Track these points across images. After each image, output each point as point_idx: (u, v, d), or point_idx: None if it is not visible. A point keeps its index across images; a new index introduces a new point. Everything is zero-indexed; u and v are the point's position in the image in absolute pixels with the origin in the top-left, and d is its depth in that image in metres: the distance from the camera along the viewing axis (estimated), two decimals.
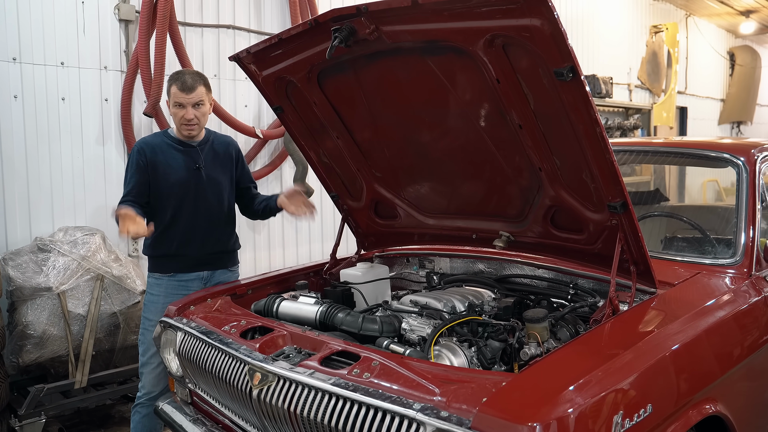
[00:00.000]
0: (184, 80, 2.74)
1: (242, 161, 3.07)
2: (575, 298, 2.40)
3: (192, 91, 2.73)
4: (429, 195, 2.66)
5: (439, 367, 1.78)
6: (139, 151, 2.81)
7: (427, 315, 2.27)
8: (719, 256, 2.49)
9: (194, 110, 2.76)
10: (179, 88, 2.73)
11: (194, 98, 2.74)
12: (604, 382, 1.55)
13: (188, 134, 2.83)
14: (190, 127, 2.79)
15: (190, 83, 2.73)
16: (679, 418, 1.74)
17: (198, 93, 2.75)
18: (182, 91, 2.73)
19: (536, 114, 1.97)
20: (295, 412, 1.77)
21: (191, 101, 2.74)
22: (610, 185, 1.94)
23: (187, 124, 2.78)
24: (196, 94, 2.74)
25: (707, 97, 11.55)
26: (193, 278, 2.86)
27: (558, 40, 1.69)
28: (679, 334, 1.85)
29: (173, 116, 2.81)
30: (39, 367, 3.41)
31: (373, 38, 2.09)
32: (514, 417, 1.39)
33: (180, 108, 2.76)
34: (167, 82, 2.81)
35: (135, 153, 2.83)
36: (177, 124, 2.82)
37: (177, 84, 2.73)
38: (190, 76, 2.78)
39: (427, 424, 1.48)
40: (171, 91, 2.76)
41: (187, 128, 2.80)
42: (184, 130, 2.81)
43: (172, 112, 2.80)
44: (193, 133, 2.83)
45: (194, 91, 2.73)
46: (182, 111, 2.76)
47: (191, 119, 2.77)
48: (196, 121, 2.79)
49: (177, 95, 2.74)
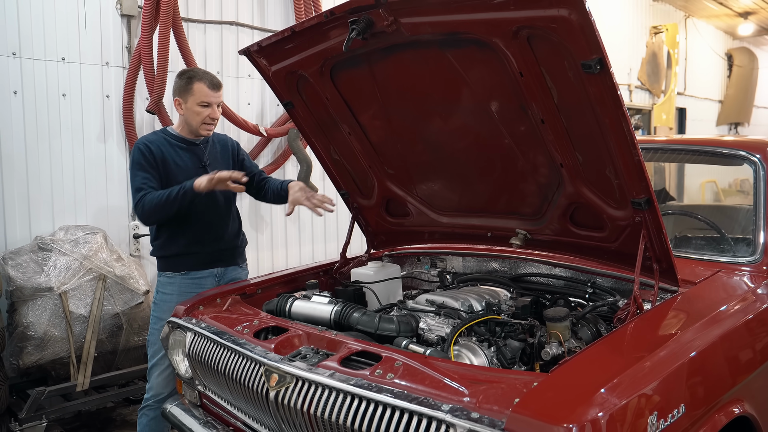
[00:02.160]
0: (211, 78, 2.75)
1: (242, 153, 3.05)
2: (594, 297, 2.36)
3: (219, 90, 2.77)
4: (443, 192, 2.61)
5: (464, 367, 1.73)
6: (145, 148, 2.75)
7: (444, 314, 2.22)
8: (738, 254, 2.45)
9: (218, 109, 2.79)
10: (208, 86, 2.72)
11: (221, 97, 2.79)
12: (638, 382, 1.50)
13: (207, 133, 2.82)
14: (210, 127, 2.79)
15: (217, 82, 2.76)
16: (709, 420, 1.70)
17: (222, 92, 2.80)
18: (212, 89, 2.73)
19: (559, 108, 1.92)
20: (315, 414, 1.72)
21: (218, 100, 2.77)
22: (635, 181, 1.89)
23: (211, 123, 2.78)
24: (221, 93, 2.78)
25: (706, 99, 11.57)
26: (207, 275, 2.81)
27: (587, 31, 1.64)
28: (707, 334, 1.81)
29: (195, 114, 2.75)
30: (39, 369, 3.34)
31: (391, 30, 2.04)
32: (550, 418, 1.35)
33: (206, 107, 2.75)
34: (184, 80, 2.76)
35: (140, 150, 2.75)
36: (197, 122, 2.77)
37: (205, 82, 2.72)
38: (213, 75, 2.79)
39: (458, 425, 1.43)
40: (196, 89, 2.72)
41: (207, 128, 2.79)
42: (204, 130, 2.79)
43: (196, 110, 2.74)
44: (210, 133, 2.83)
45: (221, 89, 2.78)
46: (208, 110, 2.75)
47: (216, 118, 2.78)
48: (218, 121, 2.80)
49: (206, 94, 2.72)
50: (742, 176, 8.63)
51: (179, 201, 2.62)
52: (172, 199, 2.62)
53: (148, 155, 2.73)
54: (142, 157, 2.73)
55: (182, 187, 2.62)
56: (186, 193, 2.62)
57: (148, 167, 2.72)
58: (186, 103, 2.74)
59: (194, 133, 2.80)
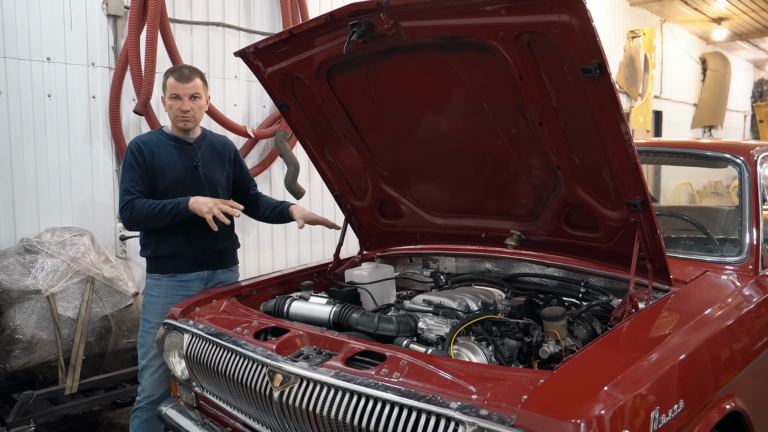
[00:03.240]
0: (180, 71, 2.72)
1: (240, 162, 3.01)
2: (587, 297, 2.40)
3: (189, 82, 2.71)
4: (438, 194, 2.64)
5: (470, 366, 1.75)
6: (136, 148, 2.73)
7: (443, 314, 2.24)
8: (726, 254, 2.52)
9: (191, 102, 2.72)
10: (176, 78, 2.70)
11: (190, 89, 2.71)
12: (640, 379, 1.54)
13: (183, 126, 2.77)
14: (186, 118, 2.74)
15: (187, 74, 2.72)
16: (704, 416, 1.75)
17: (194, 84, 2.72)
18: (179, 81, 2.70)
19: (558, 111, 1.96)
20: (321, 413, 1.73)
21: (188, 92, 2.71)
22: (631, 183, 1.94)
23: (183, 115, 2.72)
24: (192, 85, 2.71)
25: (681, 102, 11.80)
26: (194, 278, 2.78)
27: (588, 36, 1.68)
28: (702, 331, 1.86)
29: (169, 109, 2.75)
30: (27, 372, 3.29)
31: (391, 34, 2.06)
32: (559, 414, 1.38)
33: (176, 100, 2.71)
34: (163, 77, 2.76)
35: (131, 151, 2.74)
36: (172, 117, 2.76)
37: (174, 75, 2.71)
38: (186, 68, 2.77)
39: (467, 422, 1.46)
40: (167, 83, 2.72)
41: (182, 120, 2.74)
42: (180, 122, 2.75)
43: (168, 104, 2.74)
44: (188, 126, 2.77)
45: (191, 81, 2.71)
46: (178, 103, 2.71)
47: (187, 111, 2.72)
48: (192, 114, 2.74)
49: (174, 86, 2.70)
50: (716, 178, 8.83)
51: (170, 217, 2.62)
52: (164, 213, 2.62)
53: (138, 157, 2.71)
54: (133, 158, 2.72)
55: (176, 205, 2.61)
56: (180, 213, 2.61)
57: (138, 169, 2.70)
58: (165, 100, 2.76)
59: (180, 131, 2.79)
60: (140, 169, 2.70)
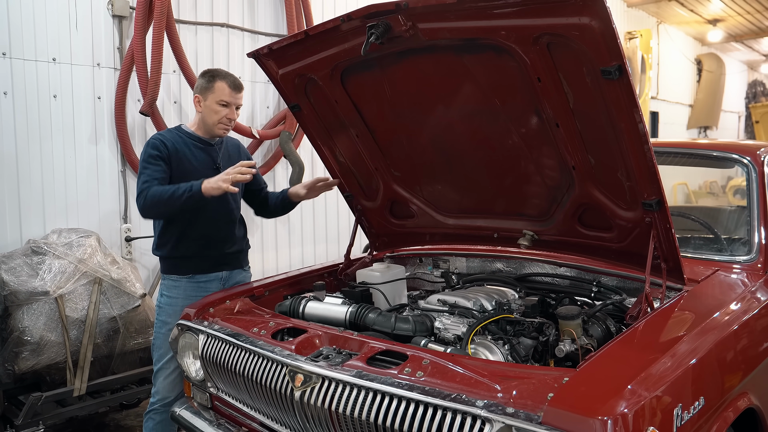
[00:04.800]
0: (234, 79, 2.74)
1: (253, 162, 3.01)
2: (599, 296, 2.42)
3: (240, 91, 2.75)
4: (450, 194, 2.66)
5: (492, 364, 1.77)
6: (160, 143, 2.69)
7: (458, 314, 2.26)
8: (735, 253, 2.55)
9: (236, 112, 2.77)
10: (230, 85, 2.70)
11: (240, 99, 2.77)
12: (663, 376, 1.56)
13: (223, 134, 2.79)
14: (227, 127, 2.77)
15: (239, 84, 2.75)
16: (722, 412, 1.77)
17: (242, 95, 2.78)
18: (233, 89, 2.71)
19: (575, 112, 1.98)
20: (344, 413, 1.74)
21: (238, 102, 2.76)
22: (648, 183, 1.96)
23: (227, 124, 2.75)
24: (241, 95, 2.77)
25: (677, 103, 11.88)
26: (213, 279, 2.79)
27: (608, 38, 1.70)
28: (718, 330, 1.88)
29: (212, 113, 2.71)
30: (35, 374, 3.28)
31: (408, 35, 2.07)
32: (586, 411, 1.40)
33: (225, 107, 2.72)
34: (207, 78, 2.72)
35: (153, 145, 2.68)
36: (214, 121, 2.72)
37: (227, 81, 2.70)
38: (236, 77, 2.77)
39: (495, 420, 1.47)
40: (217, 87, 2.69)
41: (224, 128, 2.76)
42: (221, 129, 2.76)
43: (214, 109, 2.70)
44: (226, 134, 2.82)
45: (241, 91, 2.76)
46: (226, 110, 2.72)
47: (233, 119, 2.76)
48: (234, 123, 2.79)
49: (227, 93, 2.70)
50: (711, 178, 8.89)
51: (183, 202, 2.53)
52: (176, 197, 2.53)
53: (162, 148, 2.66)
54: (156, 150, 2.66)
55: (189, 188, 2.52)
56: (192, 196, 2.52)
57: (159, 160, 2.65)
58: (205, 101, 2.71)
59: (209, 133, 2.77)
60: (162, 161, 2.65)
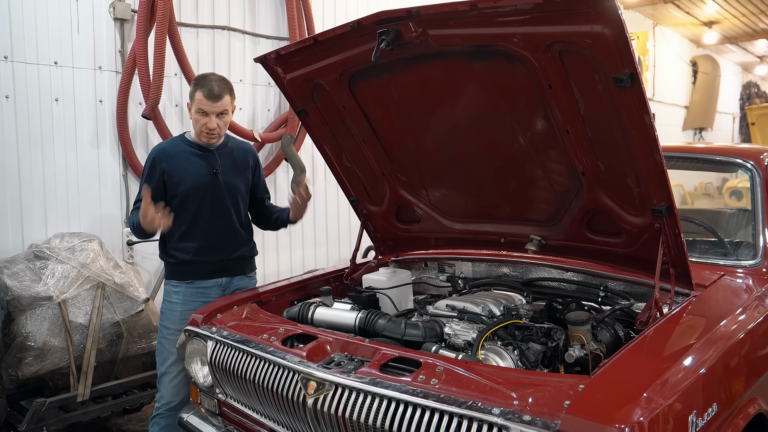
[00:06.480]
0: (210, 87, 2.62)
1: (260, 170, 3.00)
2: (606, 301, 2.43)
3: (218, 100, 2.64)
4: (457, 199, 2.66)
5: (506, 371, 1.77)
6: (154, 158, 2.75)
7: (468, 319, 2.26)
8: (740, 258, 2.56)
9: (217, 119, 2.68)
10: (205, 95, 2.62)
11: (219, 107, 2.66)
12: (678, 383, 1.57)
13: (207, 142, 2.76)
14: (210, 135, 2.72)
15: (217, 91, 2.63)
16: (734, 418, 1.78)
17: (223, 102, 2.66)
18: (208, 99, 2.62)
19: (585, 119, 1.98)
20: (357, 420, 1.74)
21: (216, 110, 2.65)
22: (658, 189, 1.97)
23: (209, 133, 2.70)
24: (221, 103, 2.65)
25: (673, 104, 11.94)
26: (212, 285, 2.79)
27: (621, 46, 1.71)
28: (729, 335, 1.89)
29: (194, 122, 2.72)
30: (38, 380, 3.26)
31: (419, 42, 2.07)
32: (604, 419, 1.40)
33: (203, 116, 2.66)
34: (192, 85, 2.71)
35: (149, 160, 2.76)
36: (197, 130, 2.73)
37: (203, 90, 2.62)
38: (217, 83, 2.65)
39: (512, 428, 1.47)
40: (195, 97, 2.65)
41: (207, 137, 2.72)
42: (204, 138, 2.73)
43: (194, 117, 2.70)
44: (212, 142, 2.76)
45: (220, 100, 2.64)
46: (205, 119, 2.66)
47: (213, 128, 2.68)
48: (217, 131, 2.72)
49: (202, 102, 2.64)
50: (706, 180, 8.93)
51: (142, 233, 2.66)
52: (136, 227, 2.66)
53: (153, 166, 2.73)
54: (150, 167, 2.75)
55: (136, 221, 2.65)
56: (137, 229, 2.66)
57: (148, 178, 2.72)
58: (191, 110, 2.72)
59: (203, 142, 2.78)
60: (153, 179, 2.71)
